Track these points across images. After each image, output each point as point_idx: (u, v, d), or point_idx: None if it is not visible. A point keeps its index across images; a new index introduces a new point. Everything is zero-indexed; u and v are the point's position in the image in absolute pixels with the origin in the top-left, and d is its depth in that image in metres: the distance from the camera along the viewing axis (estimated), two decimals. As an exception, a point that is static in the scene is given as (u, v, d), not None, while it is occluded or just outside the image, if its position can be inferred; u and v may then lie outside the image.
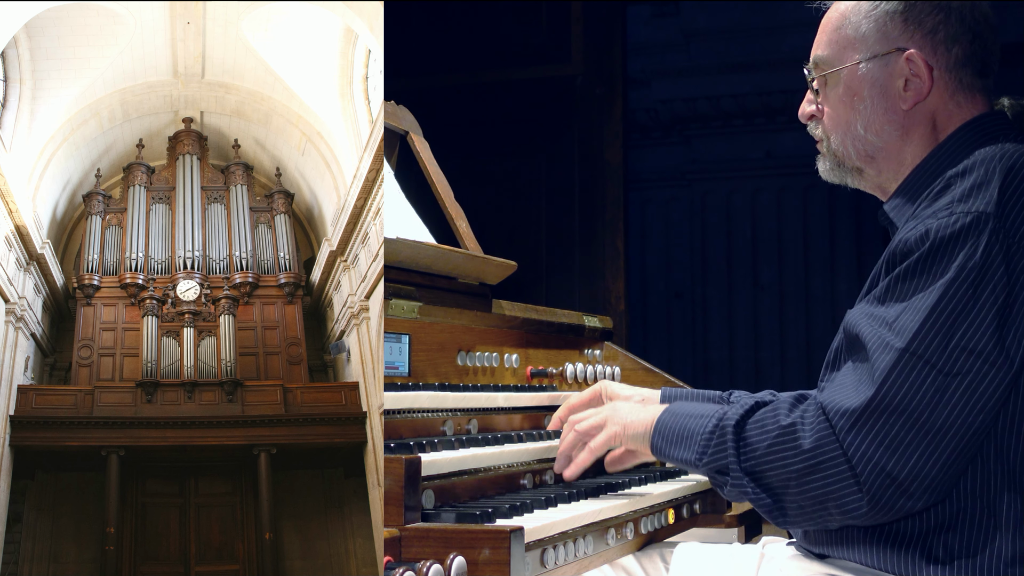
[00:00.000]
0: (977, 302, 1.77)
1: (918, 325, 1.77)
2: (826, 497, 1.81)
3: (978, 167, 1.85)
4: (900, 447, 1.76)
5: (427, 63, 6.45)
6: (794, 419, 1.85)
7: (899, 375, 1.77)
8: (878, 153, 2.09)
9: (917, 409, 1.76)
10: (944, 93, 2.05)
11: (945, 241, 1.80)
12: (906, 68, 2.03)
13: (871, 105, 2.07)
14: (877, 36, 2.06)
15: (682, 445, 2.03)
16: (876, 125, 2.07)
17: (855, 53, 2.08)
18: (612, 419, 2.23)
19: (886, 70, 2.05)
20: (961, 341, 1.76)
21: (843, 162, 2.14)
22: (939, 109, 2.05)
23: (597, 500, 2.26)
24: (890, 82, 2.05)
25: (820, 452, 1.80)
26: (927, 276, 1.81)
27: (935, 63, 2.03)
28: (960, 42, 2.04)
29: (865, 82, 2.07)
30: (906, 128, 2.06)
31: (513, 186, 6.42)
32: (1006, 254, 1.77)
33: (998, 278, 1.77)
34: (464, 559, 1.71)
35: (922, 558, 1.84)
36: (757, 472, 1.89)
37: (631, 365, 3.25)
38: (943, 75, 2.04)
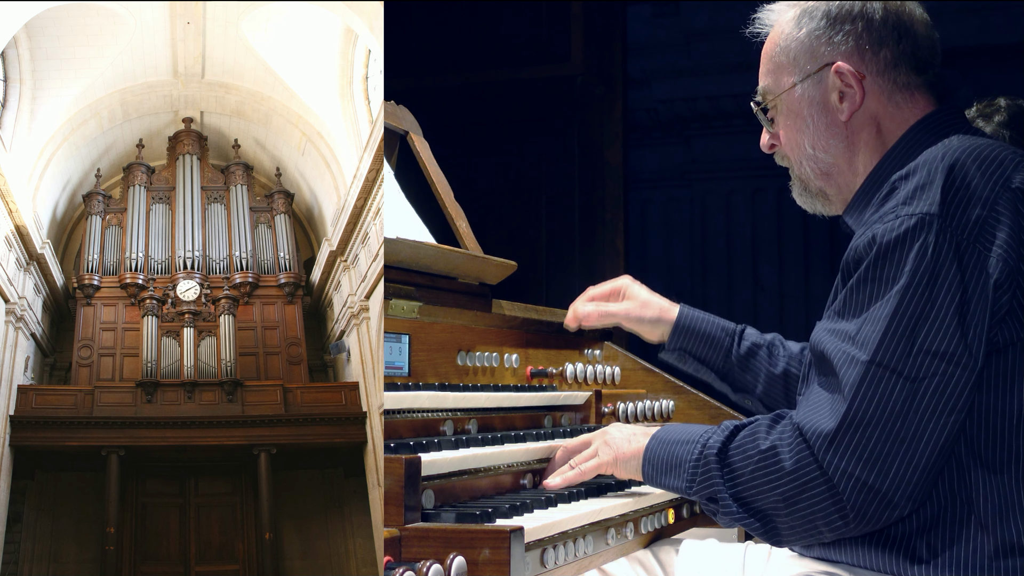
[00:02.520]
0: (934, 304, 1.77)
1: (880, 335, 1.78)
2: (814, 517, 1.83)
3: (921, 168, 1.86)
4: (879, 460, 1.77)
5: (427, 63, 6.45)
6: (773, 441, 1.87)
7: (868, 387, 1.77)
8: (831, 169, 2.12)
9: (890, 419, 1.76)
10: (881, 97, 2.06)
11: (892, 245, 1.81)
12: (837, 81, 2.06)
13: (814, 123, 2.10)
14: (807, 56, 2.10)
15: (672, 474, 2.05)
16: (823, 142, 2.11)
17: (791, 76, 2.12)
18: (602, 449, 2.25)
19: (820, 87, 2.09)
20: (924, 345, 1.77)
21: (807, 185, 2.18)
22: (880, 114, 2.07)
23: (597, 500, 2.26)
24: (826, 97, 2.09)
25: (802, 474, 1.82)
26: (879, 283, 1.82)
27: (865, 70, 2.06)
28: (886, 44, 2.05)
29: (804, 102, 2.11)
30: (851, 139, 2.09)
31: (513, 186, 6.41)
32: (956, 251, 1.78)
33: (952, 277, 1.77)
34: (464, 559, 1.71)
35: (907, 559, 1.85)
36: (745, 498, 1.91)
37: (631, 365, 3.25)
38: (876, 80, 2.06)
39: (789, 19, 2.13)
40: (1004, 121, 3.13)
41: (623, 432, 2.27)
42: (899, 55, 2.06)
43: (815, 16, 2.09)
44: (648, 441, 2.14)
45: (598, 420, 2.94)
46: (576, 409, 2.95)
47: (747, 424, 1.96)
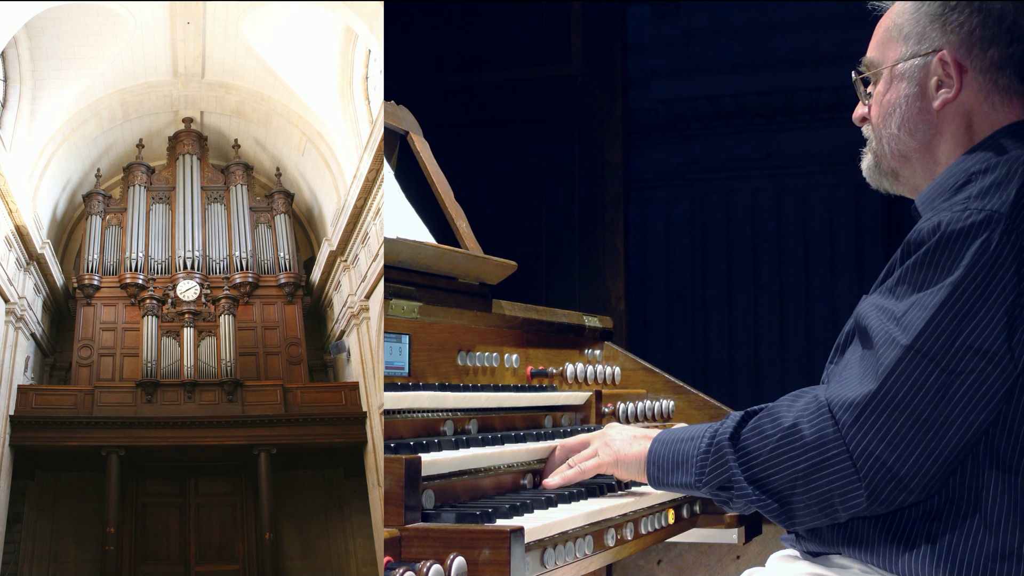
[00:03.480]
0: (986, 302, 1.78)
1: (924, 322, 1.79)
2: (831, 493, 1.84)
3: (1001, 166, 1.88)
4: (902, 443, 1.78)
5: (427, 63, 6.45)
6: (795, 418, 1.88)
7: (903, 372, 1.79)
8: (912, 153, 2.12)
9: (920, 406, 1.78)
10: (978, 95, 2.06)
11: (955, 235, 1.81)
12: (939, 69, 2.06)
13: (907, 104, 2.10)
14: (917, 36, 2.09)
15: (679, 471, 2.06)
16: (910, 124, 2.10)
17: (897, 53, 2.12)
18: (602, 449, 2.26)
19: (922, 70, 2.09)
20: (967, 340, 1.78)
21: (880, 162, 2.18)
22: (974, 110, 2.06)
23: (597, 500, 2.26)
24: (925, 82, 2.08)
25: (823, 447, 1.83)
26: (935, 269, 1.82)
27: (969, 64, 2.06)
28: (997, 44, 2.05)
29: (903, 81, 2.11)
30: (938, 128, 2.09)
31: (513, 186, 6.41)
32: (1017, 254, 1.79)
33: (1008, 278, 1.78)
34: (464, 559, 1.71)
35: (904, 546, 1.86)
36: (761, 479, 1.92)
37: (631, 365, 3.26)
38: (977, 76, 2.06)
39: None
40: None
41: (623, 433, 2.27)
42: (1007, 57, 2.05)
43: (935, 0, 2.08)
44: (651, 444, 2.15)
45: (598, 420, 2.94)
46: (576, 409, 2.95)
47: (759, 409, 1.97)
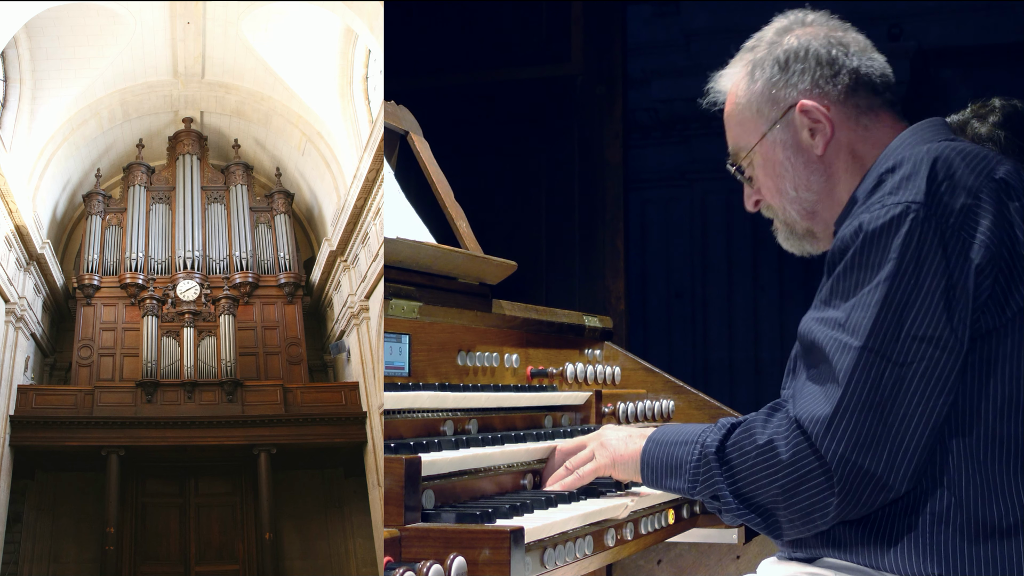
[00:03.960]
0: (921, 290, 1.81)
1: (871, 320, 1.82)
2: (812, 507, 1.86)
3: (907, 161, 1.91)
4: (873, 443, 1.80)
5: (427, 63, 6.44)
6: (770, 435, 1.90)
7: (862, 373, 1.81)
8: (816, 205, 2.17)
9: (881, 403, 1.80)
10: (849, 123, 2.12)
11: (878, 232, 1.85)
12: (805, 119, 2.12)
13: (792, 165, 2.15)
14: (769, 105, 2.16)
15: (674, 476, 2.08)
16: (804, 181, 2.15)
17: (759, 129, 2.18)
18: (599, 452, 2.28)
19: (789, 129, 2.15)
20: (911, 330, 1.81)
21: (793, 228, 2.23)
22: (853, 140, 2.12)
23: (597, 500, 2.26)
24: (797, 138, 2.14)
25: (799, 465, 1.85)
26: (866, 269, 1.86)
27: (828, 101, 2.12)
28: (839, 72, 2.12)
29: (778, 148, 2.16)
30: (829, 171, 2.14)
31: (513, 186, 6.41)
32: (941, 238, 1.82)
33: (937, 263, 1.81)
34: (464, 559, 1.71)
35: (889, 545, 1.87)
36: (744, 494, 1.94)
37: (631, 365, 3.26)
38: (840, 108, 2.12)
39: (742, 77, 2.20)
40: (999, 122, 3.12)
41: (619, 434, 2.28)
42: (855, 81, 2.12)
43: (765, 66, 2.16)
44: (645, 443, 2.16)
45: (598, 420, 2.94)
46: (576, 409, 2.95)
47: (742, 421, 1.99)
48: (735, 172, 2.26)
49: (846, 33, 2.16)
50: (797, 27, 2.17)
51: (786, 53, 2.14)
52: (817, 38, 2.13)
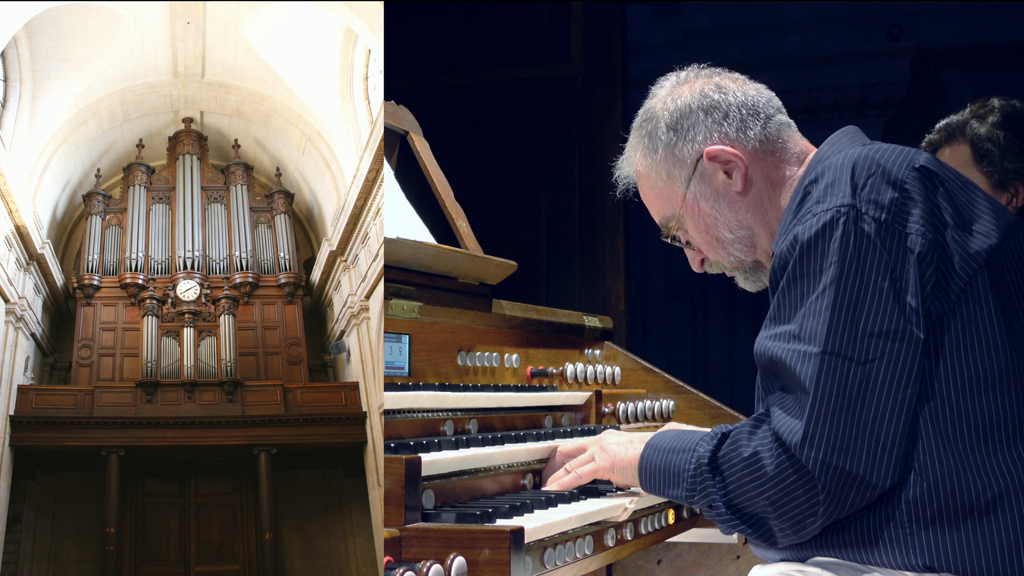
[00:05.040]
0: (868, 287, 1.83)
1: (825, 325, 1.84)
2: (802, 515, 1.88)
3: (827, 171, 1.94)
4: (850, 444, 1.82)
5: (427, 63, 6.44)
6: (755, 447, 1.91)
7: (827, 377, 1.83)
8: (753, 239, 2.20)
9: (851, 404, 1.82)
10: (756, 153, 2.16)
11: (814, 239, 1.88)
12: (716, 164, 2.16)
13: (719, 211, 2.19)
14: (676, 166, 2.20)
15: (672, 484, 2.09)
16: (734, 221, 2.19)
17: (677, 192, 2.21)
18: (599, 454, 2.30)
19: (704, 179, 2.18)
20: (867, 328, 1.83)
21: (742, 266, 2.25)
22: (765, 167, 2.16)
23: (597, 500, 2.26)
24: (715, 184, 2.18)
25: (783, 477, 1.87)
26: (809, 278, 1.88)
27: (728, 141, 2.16)
28: (730, 111, 2.17)
29: (700, 201, 2.19)
30: (754, 203, 2.17)
31: (513, 186, 6.41)
32: (877, 233, 1.85)
33: (878, 258, 1.84)
34: (464, 559, 1.71)
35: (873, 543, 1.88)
36: (736, 505, 1.96)
37: (631, 365, 3.25)
38: (742, 143, 2.16)
39: (642, 155, 2.25)
40: (998, 122, 3.13)
41: (619, 438, 2.30)
42: (744, 116, 2.16)
43: (659, 135, 2.21)
44: (643, 450, 2.17)
45: (598, 420, 2.94)
46: (576, 409, 2.95)
47: (731, 432, 2.00)
48: (672, 242, 2.30)
49: (721, 76, 2.22)
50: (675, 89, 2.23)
51: (672, 115, 2.20)
52: (694, 92, 2.19)
